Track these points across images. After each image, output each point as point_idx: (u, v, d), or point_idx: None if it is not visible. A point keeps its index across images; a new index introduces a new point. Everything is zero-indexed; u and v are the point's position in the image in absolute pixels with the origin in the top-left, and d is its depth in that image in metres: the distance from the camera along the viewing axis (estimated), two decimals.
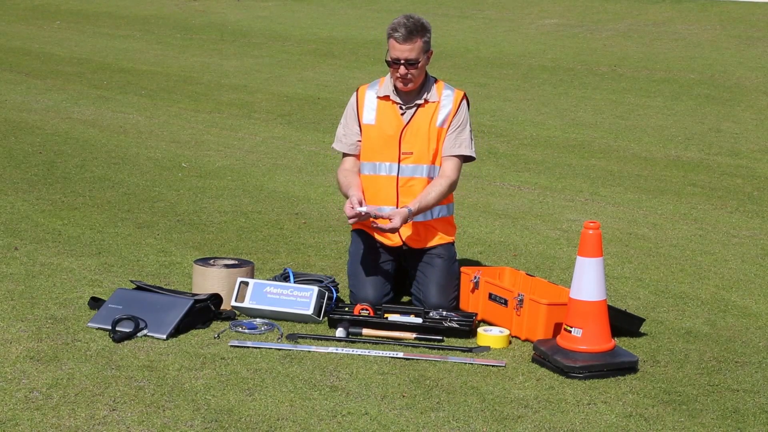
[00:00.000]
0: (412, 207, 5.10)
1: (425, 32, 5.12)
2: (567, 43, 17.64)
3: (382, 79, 5.33)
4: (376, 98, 5.26)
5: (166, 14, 22.44)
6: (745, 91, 13.43)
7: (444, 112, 5.21)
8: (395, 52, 5.10)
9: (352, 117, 5.30)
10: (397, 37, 5.08)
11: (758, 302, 5.58)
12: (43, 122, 10.53)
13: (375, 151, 5.23)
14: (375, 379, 4.30)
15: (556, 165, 9.26)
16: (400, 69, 5.10)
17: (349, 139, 5.31)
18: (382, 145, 5.21)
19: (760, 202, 8.06)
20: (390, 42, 5.13)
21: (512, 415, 4.00)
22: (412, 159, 5.19)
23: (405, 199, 5.20)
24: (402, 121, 5.21)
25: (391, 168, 5.21)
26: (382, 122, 5.23)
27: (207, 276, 5.12)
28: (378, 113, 5.24)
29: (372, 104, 5.26)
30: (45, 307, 5.00)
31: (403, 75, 5.11)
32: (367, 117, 5.25)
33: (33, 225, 6.55)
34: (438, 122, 5.21)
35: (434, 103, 5.21)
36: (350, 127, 5.31)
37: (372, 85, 5.35)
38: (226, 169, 8.55)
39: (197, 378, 4.23)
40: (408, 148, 5.20)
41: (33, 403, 3.93)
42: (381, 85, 5.30)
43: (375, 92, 5.29)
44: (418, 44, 5.08)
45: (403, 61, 5.08)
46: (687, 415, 4.08)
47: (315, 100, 12.62)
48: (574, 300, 4.53)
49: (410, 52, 5.08)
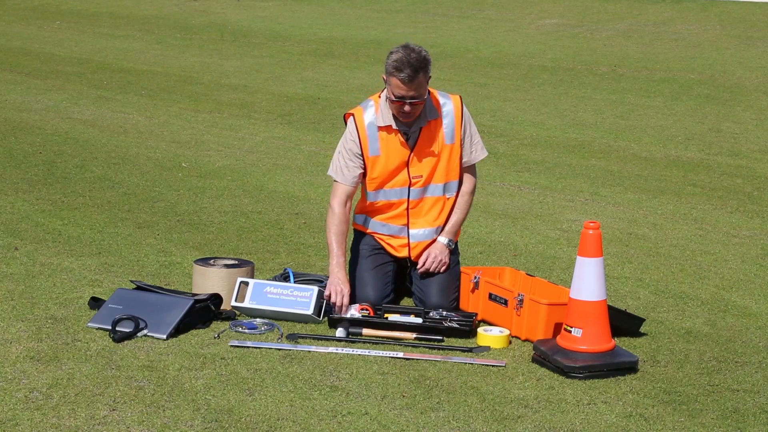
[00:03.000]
0: (450, 237, 5.22)
1: (428, 66, 4.93)
2: (567, 43, 17.65)
3: (375, 102, 5.13)
4: (377, 128, 5.10)
5: (166, 14, 22.44)
6: (745, 91, 13.43)
7: (449, 127, 5.12)
8: (399, 90, 4.90)
9: (355, 150, 5.11)
10: (403, 78, 4.85)
11: (758, 302, 5.58)
12: (43, 122, 10.53)
13: (384, 180, 5.15)
14: (375, 379, 4.30)
15: (556, 165, 9.26)
16: (405, 107, 4.94)
17: (352, 172, 5.12)
18: (391, 174, 5.13)
19: (760, 202, 8.06)
20: (392, 79, 4.90)
21: (512, 415, 4.00)
22: (422, 182, 5.15)
23: (415, 219, 5.20)
24: (408, 147, 5.10)
25: (402, 192, 5.17)
26: (388, 153, 5.10)
27: (207, 276, 5.12)
28: (382, 143, 5.10)
29: (374, 134, 5.09)
30: (45, 307, 5.00)
31: (408, 112, 4.96)
32: (372, 149, 5.10)
33: (33, 225, 6.55)
34: (447, 140, 5.12)
35: (436, 120, 5.11)
36: (353, 160, 5.11)
37: (367, 111, 5.11)
38: (226, 169, 8.55)
39: (197, 378, 4.23)
40: (417, 172, 5.13)
41: (33, 403, 3.93)
42: (377, 110, 5.10)
43: (373, 121, 5.09)
44: (422, 80, 4.91)
45: (408, 100, 4.93)
46: (687, 415, 4.08)
47: (315, 100, 12.61)
48: (574, 300, 4.53)
49: (417, 89, 4.91)
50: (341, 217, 5.10)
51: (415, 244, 5.24)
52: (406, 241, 5.24)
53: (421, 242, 5.24)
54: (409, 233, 5.23)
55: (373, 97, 5.18)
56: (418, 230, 5.23)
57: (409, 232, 5.23)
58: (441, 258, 5.21)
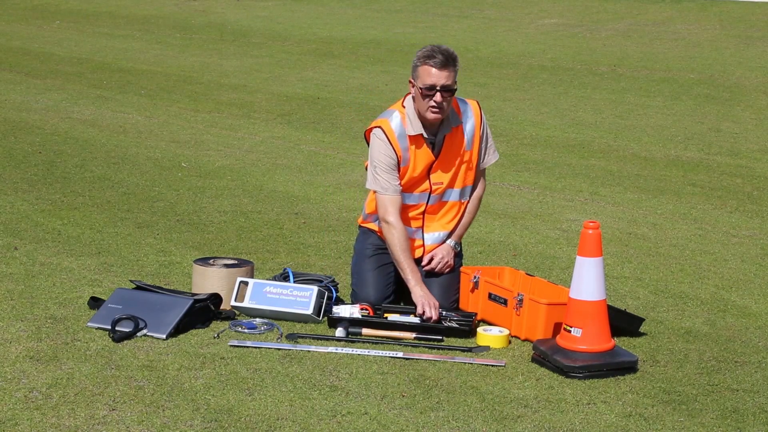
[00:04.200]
0: (456, 240, 5.25)
1: (457, 62, 5.00)
2: (567, 43, 17.65)
3: (400, 112, 5.09)
4: (407, 137, 5.06)
5: (165, 14, 22.44)
6: (744, 91, 13.43)
7: (470, 134, 5.12)
8: (431, 78, 4.90)
9: (392, 163, 5.05)
10: (435, 63, 4.89)
11: (758, 302, 5.58)
12: (43, 122, 10.53)
13: (407, 189, 5.13)
14: (375, 378, 4.30)
15: (556, 165, 9.26)
16: (436, 96, 4.92)
17: (394, 183, 5.06)
18: (414, 182, 5.13)
19: (760, 202, 8.06)
20: (423, 69, 4.92)
21: (512, 414, 4.00)
22: (442, 189, 5.17)
23: (430, 223, 5.22)
24: (432, 155, 5.10)
25: (422, 197, 5.17)
26: (415, 162, 5.09)
27: (207, 276, 5.12)
28: (411, 153, 5.07)
29: (405, 145, 5.06)
30: (45, 306, 5.00)
31: (438, 102, 4.93)
32: (404, 158, 5.07)
33: (33, 225, 6.55)
34: (467, 146, 5.13)
35: (458, 127, 5.11)
36: (391, 172, 5.05)
37: (393, 121, 5.06)
38: (226, 169, 8.55)
39: (197, 378, 4.23)
40: (438, 180, 5.13)
41: (33, 402, 3.93)
42: (404, 120, 5.06)
43: (402, 130, 5.05)
44: (453, 72, 4.95)
45: (439, 88, 4.92)
46: (687, 414, 4.08)
47: (315, 100, 12.62)
48: (573, 300, 4.53)
49: (447, 79, 4.92)
50: (402, 231, 5.05)
51: (429, 247, 5.25)
52: (421, 243, 5.25)
53: (434, 245, 5.26)
54: (424, 236, 5.24)
55: (396, 106, 5.13)
56: (432, 233, 5.25)
57: (424, 236, 5.24)
58: (447, 259, 5.23)
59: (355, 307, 5.00)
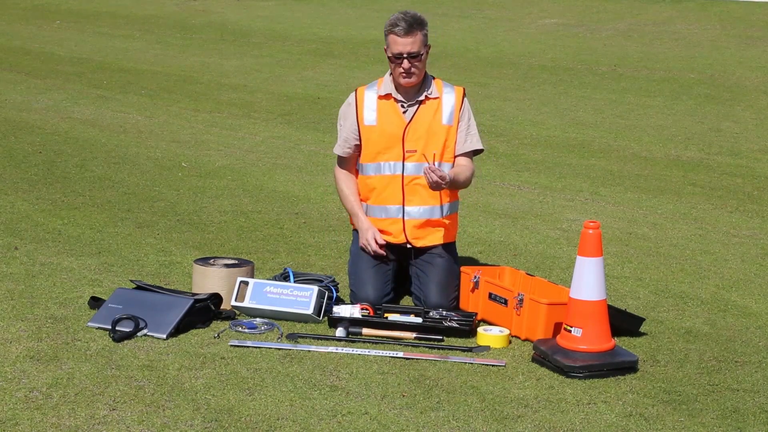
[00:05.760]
0: (451, 174, 5.12)
1: (424, 25, 5.18)
2: (567, 42, 17.64)
3: (380, 80, 5.34)
4: (377, 98, 5.26)
5: (166, 14, 22.43)
6: (745, 90, 13.42)
7: (448, 108, 5.23)
8: (397, 47, 5.13)
9: (351, 119, 5.29)
10: (398, 31, 5.13)
11: (758, 302, 5.58)
12: (43, 122, 10.53)
13: (378, 152, 5.23)
14: (375, 378, 4.30)
15: (556, 165, 9.26)
16: (403, 63, 5.12)
17: (349, 143, 5.31)
18: (385, 144, 5.21)
19: (760, 201, 8.06)
20: (390, 38, 5.17)
21: (512, 414, 4.00)
22: (416, 157, 5.19)
23: (411, 197, 5.21)
24: (404, 119, 5.22)
25: (396, 167, 5.22)
26: (384, 122, 5.23)
27: (207, 276, 5.12)
28: (379, 113, 5.24)
29: (372, 104, 5.26)
30: (45, 306, 5.00)
31: (406, 69, 5.12)
32: (368, 118, 5.25)
33: (33, 225, 6.55)
34: (444, 120, 5.22)
35: (436, 100, 5.23)
36: (349, 130, 5.30)
37: (370, 86, 5.35)
38: (226, 169, 8.55)
39: (197, 377, 4.23)
40: (412, 146, 5.20)
41: (33, 402, 3.93)
42: (380, 85, 5.31)
43: (374, 92, 5.28)
44: (418, 37, 5.13)
45: (405, 55, 5.11)
46: (687, 414, 4.08)
47: (315, 100, 12.62)
48: (574, 300, 4.53)
49: (412, 45, 5.12)
50: (348, 175, 5.36)
51: (410, 223, 5.22)
52: (401, 219, 5.23)
53: (417, 220, 5.23)
54: (404, 211, 5.23)
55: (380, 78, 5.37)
56: (413, 207, 5.24)
57: (404, 210, 5.23)
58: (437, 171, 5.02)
59: (355, 307, 5.00)
